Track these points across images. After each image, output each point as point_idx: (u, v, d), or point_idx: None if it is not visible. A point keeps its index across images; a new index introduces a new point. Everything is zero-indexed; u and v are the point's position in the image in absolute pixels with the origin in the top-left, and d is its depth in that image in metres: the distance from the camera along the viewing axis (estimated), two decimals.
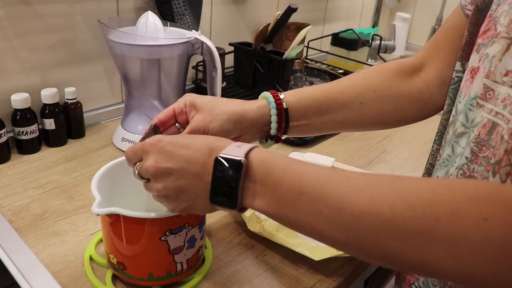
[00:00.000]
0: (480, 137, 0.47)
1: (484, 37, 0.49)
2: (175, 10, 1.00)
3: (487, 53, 0.48)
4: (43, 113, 0.86)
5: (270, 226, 0.64)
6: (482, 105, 0.47)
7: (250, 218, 0.65)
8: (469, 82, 0.50)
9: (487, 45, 0.48)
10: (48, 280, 0.56)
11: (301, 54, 1.33)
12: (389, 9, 1.89)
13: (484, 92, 0.47)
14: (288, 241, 0.62)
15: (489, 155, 0.45)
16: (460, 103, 0.51)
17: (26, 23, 0.83)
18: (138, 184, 0.62)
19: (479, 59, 0.49)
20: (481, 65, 0.48)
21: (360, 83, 0.61)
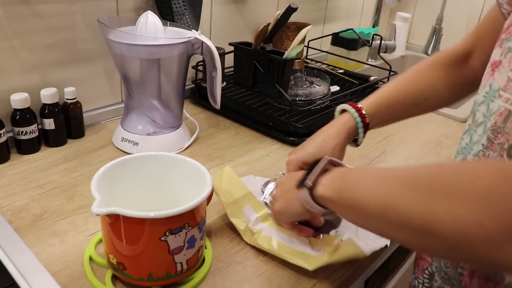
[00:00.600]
0: (497, 125, 0.49)
1: (507, 32, 0.51)
2: (175, 9, 1.00)
3: (509, 47, 0.49)
4: (43, 113, 0.85)
5: (263, 240, 0.63)
6: (501, 95, 0.49)
7: (245, 231, 0.65)
8: (489, 75, 0.52)
9: (509, 39, 0.50)
10: (48, 281, 0.56)
11: (301, 54, 1.33)
12: (389, 8, 1.89)
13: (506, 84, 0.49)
14: (282, 255, 0.62)
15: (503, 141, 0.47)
16: (479, 94, 0.53)
17: (25, 22, 0.83)
18: (138, 184, 0.62)
19: (501, 53, 0.51)
20: (503, 59, 0.50)
21: (422, 81, 0.71)
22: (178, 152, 0.90)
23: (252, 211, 0.66)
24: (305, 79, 1.16)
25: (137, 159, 0.62)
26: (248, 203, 0.66)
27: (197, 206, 0.53)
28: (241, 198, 0.66)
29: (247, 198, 0.66)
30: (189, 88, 1.14)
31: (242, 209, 0.65)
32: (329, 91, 1.14)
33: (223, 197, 0.65)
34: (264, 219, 0.66)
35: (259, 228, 0.65)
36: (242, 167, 0.86)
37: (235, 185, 0.66)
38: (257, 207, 0.66)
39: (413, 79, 0.72)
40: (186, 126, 0.95)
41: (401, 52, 1.80)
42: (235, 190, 0.66)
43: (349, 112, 0.69)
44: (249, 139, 0.98)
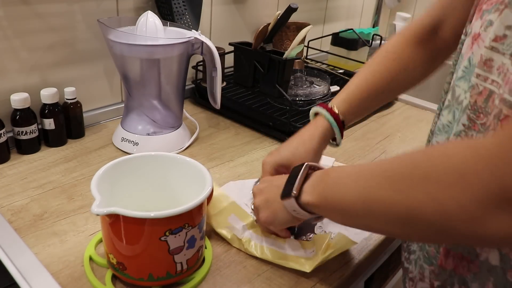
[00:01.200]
0: (477, 104, 0.48)
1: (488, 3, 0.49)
2: (175, 10, 1.00)
3: (489, 20, 0.48)
4: (43, 113, 0.85)
5: (254, 248, 0.63)
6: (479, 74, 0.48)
7: (232, 240, 0.64)
8: (469, 47, 0.51)
9: (490, 11, 0.48)
10: (48, 281, 0.56)
11: (301, 54, 1.33)
12: (389, 8, 1.89)
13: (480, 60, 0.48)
14: (275, 260, 0.62)
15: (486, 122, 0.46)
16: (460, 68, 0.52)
17: (25, 23, 0.83)
18: (138, 184, 0.62)
19: (481, 25, 0.49)
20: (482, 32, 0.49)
21: (393, 65, 0.69)
22: (178, 152, 0.90)
23: (237, 219, 0.65)
24: (305, 79, 1.16)
25: (137, 159, 0.62)
26: (233, 212, 0.66)
27: (197, 206, 0.53)
28: (225, 208, 0.66)
29: (230, 207, 0.66)
30: (189, 88, 1.14)
31: (227, 219, 0.65)
32: (329, 91, 1.14)
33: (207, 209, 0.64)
34: (251, 226, 0.66)
35: (247, 236, 0.64)
36: (242, 167, 0.86)
37: (217, 196, 0.66)
38: (242, 215, 0.66)
39: (382, 65, 0.69)
40: (186, 126, 0.95)
41: None
42: (218, 201, 0.66)
43: (321, 114, 0.68)
44: (249, 139, 0.98)
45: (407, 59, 0.68)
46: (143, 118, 0.89)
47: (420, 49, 0.68)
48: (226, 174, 0.84)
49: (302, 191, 0.52)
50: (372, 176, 0.43)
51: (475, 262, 0.50)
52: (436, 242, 0.52)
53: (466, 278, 0.51)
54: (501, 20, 0.45)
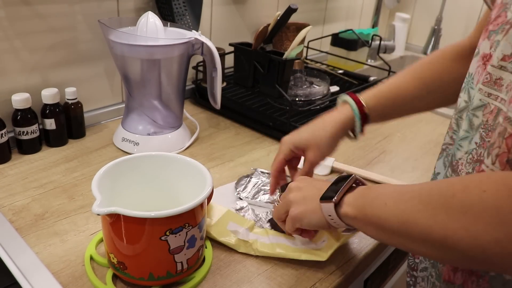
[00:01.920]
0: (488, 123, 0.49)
1: (495, 23, 0.50)
2: (175, 10, 1.00)
3: (497, 40, 0.49)
4: (44, 113, 0.86)
5: (264, 247, 0.63)
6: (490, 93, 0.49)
7: (238, 244, 0.63)
8: (481, 69, 0.52)
9: (497, 32, 0.49)
10: (49, 280, 0.56)
11: (301, 55, 1.33)
12: (388, 9, 1.89)
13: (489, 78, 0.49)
14: (289, 254, 0.62)
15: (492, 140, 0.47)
16: (473, 89, 0.53)
17: (26, 23, 0.84)
18: (138, 184, 0.62)
19: (490, 46, 0.50)
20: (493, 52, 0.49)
21: (427, 74, 0.69)
22: (178, 152, 0.90)
23: (236, 225, 0.65)
24: (305, 80, 1.17)
25: (138, 159, 0.62)
26: (230, 220, 0.66)
27: (198, 206, 0.53)
28: (222, 218, 0.65)
29: (227, 216, 0.66)
30: (189, 88, 1.14)
31: (226, 227, 0.65)
32: (329, 91, 1.15)
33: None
34: (253, 228, 0.66)
35: (253, 237, 0.64)
36: (242, 167, 0.87)
37: (211, 209, 0.66)
38: (240, 221, 0.66)
39: (417, 72, 0.70)
40: (186, 126, 0.96)
41: (400, 53, 1.80)
42: (213, 213, 0.66)
43: (348, 102, 0.68)
44: (249, 139, 0.99)
45: (442, 70, 0.69)
46: (144, 118, 0.89)
47: (458, 64, 0.68)
48: (226, 174, 0.84)
49: (343, 201, 0.53)
50: (411, 200, 0.43)
51: (484, 278, 0.50)
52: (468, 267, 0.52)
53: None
54: (507, 39, 0.46)
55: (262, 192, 0.76)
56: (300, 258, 0.61)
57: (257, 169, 0.83)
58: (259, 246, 0.63)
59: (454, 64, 0.68)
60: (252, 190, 0.76)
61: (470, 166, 0.52)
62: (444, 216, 0.39)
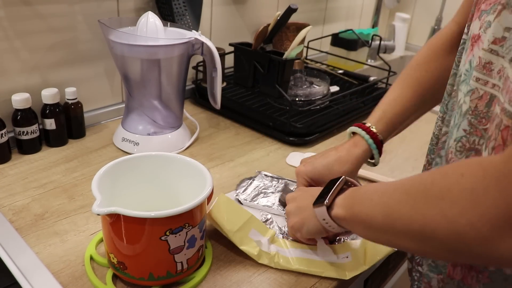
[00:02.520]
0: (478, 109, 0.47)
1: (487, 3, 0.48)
2: (175, 10, 1.00)
3: (488, 21, 0.47)
4: (44, 113, 0.86)
5: (286, 261, 0.62)
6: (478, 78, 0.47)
7: (259, 255, 0.62)
8: (469, 49, 0.50)
9: (488, 12, 0.47)
10: (49, 280, 0.56)
11: (301, 55, 1.33)
12: (388, 9, 1.89)
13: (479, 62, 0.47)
14: (311, 270, 0.61)
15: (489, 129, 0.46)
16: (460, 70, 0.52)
17: (26, 23, 0.84)
18: (138, 184, 0.62)
19: (480, 26, 0.48)
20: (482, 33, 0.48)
21: (425, 78, 0.68)
22: (178, 152, 0.90)
23: (258, 234, 0.64)
24: (305, 80, 1.17)
25: (138, 159, 0.62)
26: (253, 226, 0.64)
27: (198, 206, 0.53)
28: (245, 223, 0.63)
29: (250, 221, 0.64)
30: (189, 88, 1.14)
31: (248, 234, 0.63)
32: (329, 91, 1.15)
33: (228, 226, 0.61)
34: (274, 240, 0.65)
35: (274, 250, 0.63)
36: (242, 167, 0.87)
37: (235, 211, 0.64)
38: (262, 229, 0.64)
39: (414, 79, 0.69)
40: (186, 126, 0.96)
41: (400, 53, 1.80)
42: (237, 217, 0.63)
43: (360, 135, 0.67)
44: (249, 139, 0.99)
45: (440, 68, 0.67)
46: (144, 118, 0.89)
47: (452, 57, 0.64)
48: (226, 174, 0.84)
49: (334, 204, 0.53)
50: (394, 192, 0.43)
51: (484, 273, 0.49)
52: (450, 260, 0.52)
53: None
54: (499, 21, 0.44)
55: (262, 195, 0.75)
56: (322, 275, 0.61)
57: (261, 172, 0.83)
58: (281, 260, 0.62)
59: (448, 57, 0.66)
60: (252, 193, 0.76)
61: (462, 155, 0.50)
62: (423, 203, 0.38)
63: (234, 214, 0.63)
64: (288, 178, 0.81)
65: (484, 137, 0.47)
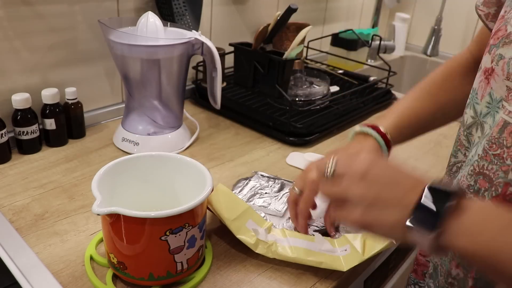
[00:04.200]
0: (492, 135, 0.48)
1: (495, 37, 0.50)
2: (175, 10, 1.00)
3: (499, 54, 0.48)
4: (44, 113, 0.86)
5: (284, 250, 0.62)
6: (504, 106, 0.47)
7: (256, 244, 0.62)
8: (484, 83, 0.51)
9: (497, 45, 0.49)
10: (49, 280, 0.56)
11: (301, 55, 1.33)
12: (388, 9, 1.89)
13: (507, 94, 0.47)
14: (308, 260, 0.61)
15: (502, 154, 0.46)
16: (479, 104, 0.52)
17: (26, 23, 0.84)
18: (138, 184, 0.62)
19: (492, 60, 0.50)
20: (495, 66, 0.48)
21: (440, 95, 0.68)
22: (178, 152, 0.90)
23: (255, 224, 0.64)
24: (305, 80, 1.17)
25: (138, 159, 0.62)
26: (250, 217, 0.64)
27: (198, 206, 0.53)
28: (243, 213, 0.63)
29: (248, 212, 0.64)
30: (189, 88, 1.14)
31: (245, 224, 0.63)
32: (329, 91, 1.15)
33: (226, 214, 0.61)
34: (270, 230, 0.65)
35: (272, 239, 0.63)
36: (242, 167, 0.87)
37: (233, 201, 0.64)
38: (259, 221, 0.65)
39: (431, 94, 0.68)
40: (186, 126, 0.96)
41: (400, 53, 1.80)
42: (235, 207, 0.63)
43: (372, 136, 0.65)
44: (249, 139, 0.99)
45: (455, 88, 0.67)
46: (144, 118, 0.89)
47: (468, 80, 0.65)
48: (226, 174, 0.84)
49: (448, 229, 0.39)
50: None
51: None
52: None
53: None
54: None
55: (258, 196, 0.75)
56: (320, 266, 0.61)
57: (257, 172, 0.83)
58: (278, 249, 0.62)
59: (464, 80, 0.67)
60: (248, 193, 0.76)
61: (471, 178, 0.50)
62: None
63: (233, 203, 0.63)
64: (286, 178, 0.81)
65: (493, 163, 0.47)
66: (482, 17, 0.59)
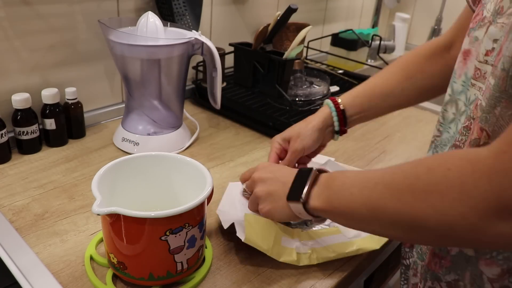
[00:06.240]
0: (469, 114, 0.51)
1: (474, 21, 0.54)
2: (175, 10, 1.00)
3: (475, 36, 0.53)
4: (44, 113, 0.86)
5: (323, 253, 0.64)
6: (474, 84, 0.52)
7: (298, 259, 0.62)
8: (462, 63, 0.55)
9: (475, 28, 0.53)
10: (49, 280, 0.56)
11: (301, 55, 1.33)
12: (388, 9, 1.89)
13: (474, 72, 0.52)
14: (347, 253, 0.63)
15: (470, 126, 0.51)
16: (456, 83, 0.57)
17: (26, 23, 0.84)
18: (138, 184, 0.62)
19: (469, 41, 0.54)
20: (471, 48, 0.53)
21: (399, 73, 0.74)
22: (178, 152, 0.90)
23: (289, 239, 0.64)
24: (305, 80, 1.17)
25: (138, 159, 0.62)
26: (282, 235, 0.64)
27: (198, 206, 0.53)
28: (276, 235, 0.63)
29: (279, 231, 0.64)
30: (189, 88, 1.14)
31: (281, 244, 0.63)
32: (329, 91, 1.15)
33: (265, 245, 0.61)
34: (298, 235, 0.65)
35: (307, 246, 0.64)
36: (242, 167, 0.87)
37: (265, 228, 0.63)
38: (289, 233, 0.65)
39: (390, 72, 0.75)
40: (186, 126, 0.96)
41: (400, 53, 1.80)
42: (268, 233, 0.62)
43: (328, 106, 0.74)
44: (249, 139, 0.99)
45: (414, 69, 0.73)
46: (144, 118, 0.89)
47: (430, 62, 0.72)
48: (226, 174, 0.84)
49: (310, 196, 0.53)
50: (375, 186, 0.44)
51: (446, 258, 0.54)
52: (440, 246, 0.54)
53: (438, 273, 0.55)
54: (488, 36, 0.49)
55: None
56: (358, 253, 0.64)
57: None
58: (318, 254, 0.63)
59: (426, 62, 0.72)
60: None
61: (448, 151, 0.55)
62: (410, 198, 0.40)
63: (266, 231, 0.63)
64: None
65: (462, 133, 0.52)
66: (470, 2, 0.63)
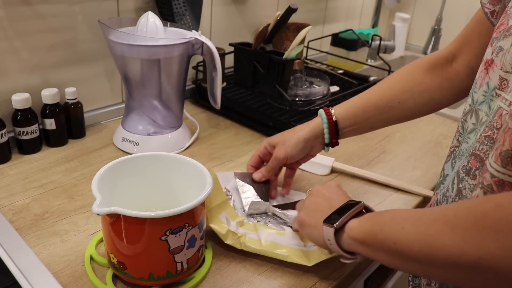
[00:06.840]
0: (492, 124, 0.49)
1: (497, 31, 0.52)
2: (175, 10, 1.00)
3: (500, 46, 0.51)
4: (44, 113, 0.86)
5: (251, 242, 0.63)
6: (499, 95, 0.50)
7: (226, 235, 0.63)
8: (484, 73, 0.53)
9: (499, 38, 0.51)
10: (49, 280, 0.56)
11: (301, 54, 1.33)
12: (388, 9, 1.89)
13: (499, 83, 0.50)
14: (275, 253, 0.62)
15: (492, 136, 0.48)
16: (476, 93, 0.55)
17: (26, 23, 0.84)
18: (138, 184, 0.62)
19: (492, 52, 0.52)
20: (495, 58, 0.51)
21: (396, 85, 0.71)
22: (178, 152, 0.90)
23: (229, 218, 0.65)
24: (305, 80, 1.17)
25: (138, 159, 0.62)
26: (225, 210, 0.65)
27: (198, 206, 0.53)
28: (219, 205, 0.64)
29: (223, 205, 0.65)
30: (189, 88, 1.14)
31: (219, 216, 0.64)
32: (329, 91, 1.15)
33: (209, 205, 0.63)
34: (241, 224, 0.66)
35: (242, 231, 0.64)
36: (242, 167, 0.87)
37: (215, 190, 0.63)
38: (232, 215, 0.66)
39: (387, 84, 0.73)
40: (186, 126, 0.96)
41: (400, 53, 1.80)
42: (213, 196, 0.63)
43: (321, 116, 0.73)
44: (249, 139, 0.99)
45: (413, 81, 0.71)
46: (144, 118, 0.89)
47: (430, 75, 0.70)
48: None
49: (347, 226, 0.52)
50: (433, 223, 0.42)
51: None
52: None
53: None
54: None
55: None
56: (286, 260, 0.61)
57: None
58: (247, 241, 0.63)
59: (425, 75, 0.70)
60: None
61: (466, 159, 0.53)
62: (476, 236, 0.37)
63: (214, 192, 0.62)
64: None
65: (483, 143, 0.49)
66: (488, 15, 0.61)
